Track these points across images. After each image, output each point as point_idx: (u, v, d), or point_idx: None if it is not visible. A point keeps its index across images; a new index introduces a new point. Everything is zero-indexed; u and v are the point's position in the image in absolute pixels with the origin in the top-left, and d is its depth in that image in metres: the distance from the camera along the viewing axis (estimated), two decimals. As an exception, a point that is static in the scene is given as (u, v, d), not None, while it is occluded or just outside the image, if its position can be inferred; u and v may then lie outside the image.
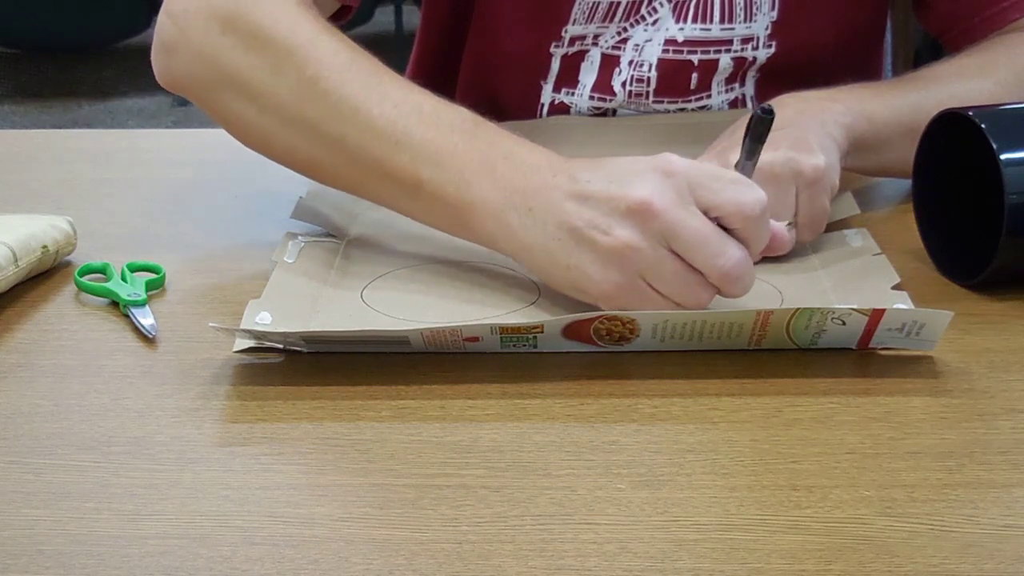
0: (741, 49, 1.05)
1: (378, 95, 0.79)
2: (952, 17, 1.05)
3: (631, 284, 0.71)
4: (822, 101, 0.89)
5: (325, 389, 0.70)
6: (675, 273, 0.70)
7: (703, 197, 0.70)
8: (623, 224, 0.70)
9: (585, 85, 1.07)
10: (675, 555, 0.56)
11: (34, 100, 4.22)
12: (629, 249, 0.70)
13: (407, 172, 0.77)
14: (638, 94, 1.07)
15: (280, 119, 0.82)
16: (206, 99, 0.86)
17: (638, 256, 0.70)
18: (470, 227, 0.77)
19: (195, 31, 0.85)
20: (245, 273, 0.84)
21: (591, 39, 1.06)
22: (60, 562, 0.56)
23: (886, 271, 0.80)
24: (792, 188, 0.81)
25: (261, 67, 0.81)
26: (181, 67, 0.86)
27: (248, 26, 0.82)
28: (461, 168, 0.76)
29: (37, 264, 0.83)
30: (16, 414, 0.69)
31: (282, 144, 0.83)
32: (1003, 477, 0.62)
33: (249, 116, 0.83)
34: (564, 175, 0.73)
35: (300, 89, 0.80)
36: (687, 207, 0.69)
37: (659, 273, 0.70)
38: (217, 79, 0.84)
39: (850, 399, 0.69)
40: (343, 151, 0.80)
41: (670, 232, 0.69)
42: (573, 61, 1.07)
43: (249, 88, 0.82)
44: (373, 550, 0.56)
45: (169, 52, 0.87)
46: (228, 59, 0.83)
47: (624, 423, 0.67)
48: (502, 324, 0.72)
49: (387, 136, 0.77)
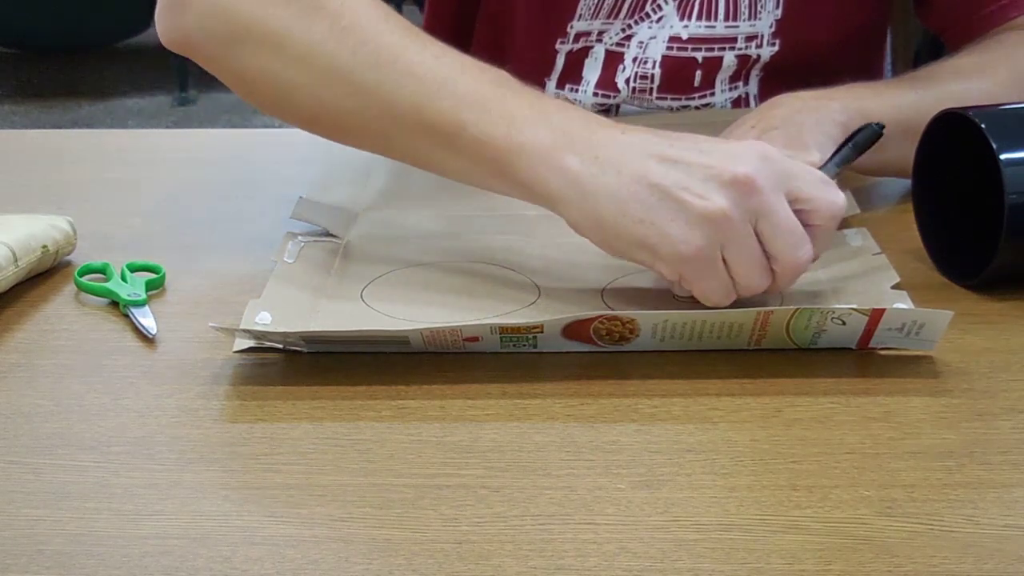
0: (745, 47, 1.05)
1: (418, 45, 0.76)
2: (952, 15, 1.05)
3: (709, 253, 0.70)
4: (819, 100, 0.89)
5: (325, 389, 0.70)
6: (752, 252, 0.70)
7: (797, 188, 0.71)
8: (722, 193, 0.69)
9: (589, 81, 1.08)
10: (675, 555, 0.56)
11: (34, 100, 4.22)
12: (724, 217, 0.69)
13: (447, 118, 0.74)
14: (642, 91, 1.07)
15: (309, 69, 0.78)
16: (221, 57, 0.81)
17: (729, 226, 0.69)
18: (514, 173, 0.73)
19: None
20: (245, 273, 0.84)
21: (595, 36, 1.06)
22: (60, 562, 0.56)
23: (886, 271, 0.80)
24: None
25: (288, 16, 0.77)
26: (192, 22, 0.81)
27: None
28: (510, 111, 0.73)
29: (37, 264, 0.83)
30: (16, 414, 0.69)
31: (306, 97, 0.79)
32: (1003, 477, 0.62)
33: (272, 69, 0.79)
34: (636, 135, 0.72)
35: (333, 37, 0.76)
36: (780, 194, 0.70)
37: (740, 248, 0.70)
38: (235, 32, 0.79)
39: (850, 399, 0.69)
40: (376, 100, 0.76)
41: (766, 211, 0.69)
42: (577, 58, 1.07)
43: (272, 38, 0.78)
44: (373, 550, 0.56)
45: (178, 8, 0.82)
46: (249, 9, 0.79)
47: (624, 423, 0.67)
48: (502, 324, 0.72)
49: (428, 82, 0.74)
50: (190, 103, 4.13)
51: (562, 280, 0.80)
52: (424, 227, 0.90)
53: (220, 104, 4.05)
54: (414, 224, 0.90)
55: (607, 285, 0.79)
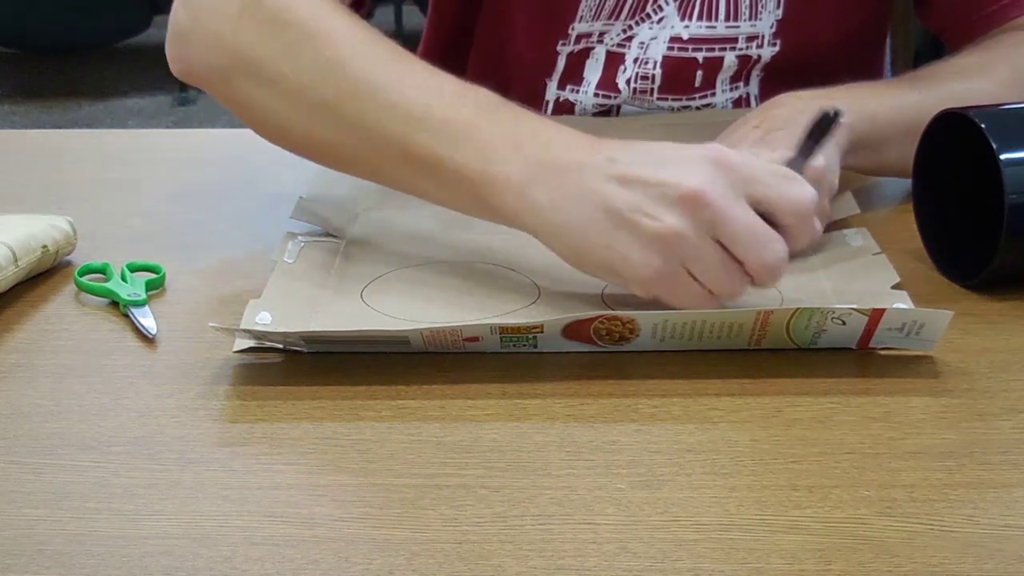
0: (746, 47, 1.06)
1: (398, 75, 0.78)
2: (952, 15, 1.05)
3: (671, 270, 0.71)
4: (821, 100, 0.89)
5: (325, 389, 0.70)
6: (717, 263, 0.70)
7: (757, 191, 0.70)
8: (672, 211, 0.69)
9: (590, 82, 1.08)
10: (675, 555, 0.56)
11: (34, 100, 4.22)
12: (676, 236, 0.69)
13: (427, 151, 0.76)
14: (642, 91, 1.07)
15: (299, 103, 0.81)
16: (223, 88, 0.85)
17: (684, 244, 0.70)
18: (491, 204, 0.75)
19: (210, 17, 0.84)
20: (245, 273, 0.84)
21: (596, 37, 1.06)
22: (60, 562, 0.56)
23: (886, 270, 0.80)
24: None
25: (279, 50, 0.80)
26: (196, 55, 0.85)
27: (265, 10, 0.81)
28: (483, 144, 0.75)
29: (37, 264, 0.83)
30: (16, 414, 0.69)
31: (300, 130, 0.82)
32: (1003, 477, 0.62)
33: (267, 102, 0.82)
34: (601, 155, 0.72)
35: (319, 71, 0.79)
36: (738, 200, 0.70)
37: (701, 262, 0.70)
38: (234, 65, 0.83)
39: (850, 399, 0.69)
40: (362, 133, 0.78)
41: (720, 221, 0.69)
42: (578, 59, 1.08)
43: (266, 73, 0.81)
44: (373, 550, 0.56)
45: (184, 41, 0.86)
46: (245, 44, 0.82)
47: (624, 423, 0.67)
48: (502, 324, 0.72)
49: (406, 115, 0.76)
50: (190, 103, 4.13)
51: (562, 280, 0.80)
52: (424, 227, 0.90)
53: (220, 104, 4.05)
54: (414, 224, 0.90)
55: (607, 285, 0.79)
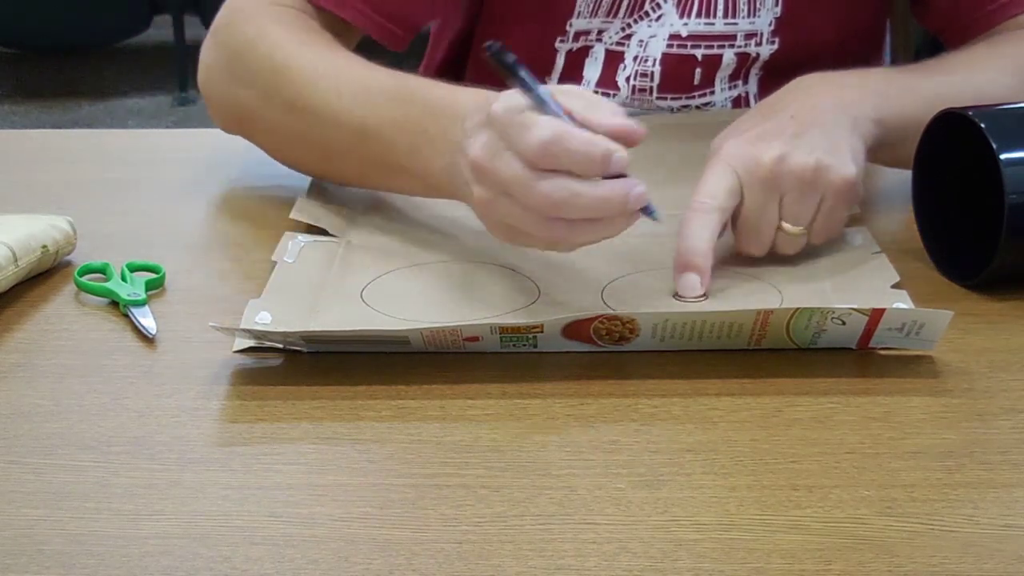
0: (745, 44, 1.05)
1: (336, 93, 0.88)
2: (950, 14, 1.05)
3: (502, 226, 0.75)
4: (854, 91, 0.87)
5: (325, 389, 0.70)
6: (518, 215, 0.73)
7: (510, 145, 0.72)
8: (474, 184, 0.75)
9: (589, 81, 1.08)
10: (675, 555, 0.56)
11: (34, 100, 4.21)
12: (481, 203, 0.75)
13: (379, 157, 0.86)
14: (642, 89, 1.07)
15: (284, 138, 0.94)
16: (245, 135, 0.98)
17: (489, 208, 0.74)
18: (440, 195, 0.84)
19: (215, 83, 0.98)
20: (245, 273, 0.84)
21: (595, 35, 1.06)
22: (60, 562, 0.56)
23: (886, 270, 0.80)
24: (818, 196, 0.80)
25: (257, 99, 0.93)
26: (218, 117, 0.99)
27: (245, 65, 0.94)
28: (408, 140, 0.83)
29: (37, 264, 0.83)
30: (16, 414, 0.69)
31: (296, 158, 0.94)
32: (1003, 477, 0.62)
33: (267, 142, 0.96)
34: (456, 122, 0.78)
35: (286, 109, 0.91)
36: (502, 155, 0.72)
37: (508, 217, 0.74)
38: (238, 120, 0.97)
39: (850, 399, 0.69)
40: (335, 153, 0.89)
41: (495, 182, 0.73)
42: (577, 57, 1.08)
43: (256, 119, 0.95)
44: (373, 550, 0.56)
45: (209, 103, 0.99)
46: (237, 100, 0.95)
47: (624, 423, 0.67)
48: (502, 324, 0.72)
49: (353, 129, 0.86)
50: (190, 103, 4.13)
51: (562, 280, 0.80)
52: (424, 227, 0.90)
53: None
54: (414, 224, 0.90)
55: (607, 285, 0.79)
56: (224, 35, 0.97)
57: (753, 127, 0.83)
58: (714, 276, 0.78)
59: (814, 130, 0.81)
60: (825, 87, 0.88)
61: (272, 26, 0.94)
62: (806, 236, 0.81)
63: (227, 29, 0.97)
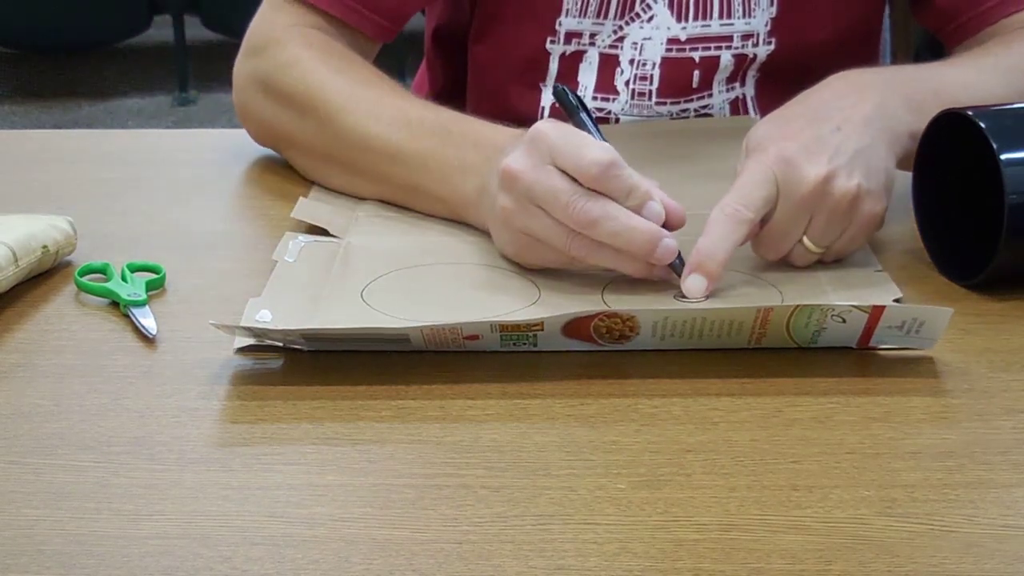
0: (742, 45, 1.06)
1: (373, 119, 0.93)
2: (949, 11, 1.05)
3: (519, 241, 0.79)
4: (894, 97, 0.86)
5: (325, 389, 0.70)
6: (544, 226, 0.77)
7: (557, 159, 0.76)
8: (500, 192, 0.79)
9: (586, 86, 1.08)
10: (675, 555, 0.56)
11: (34, 100, 4.21)
12: (505, 211, 0.78)
13: (408, 181, 0.90)
14: (641, 93, 1.07)
15: (314, 158, 0.98)
16: (277, 150, 1.05)
17: (513, 216, 0.78)
18: (464, 216, 0.88)
19: (250, 101, 1.03)
20: (245, 273, 0.84)
21: (588, 38, 1.06)
22: (60, 562, 0.56)
23: (887, 286, 0.79)
24: (847, 223, 0.80)
25: (292, 120, 0.99)
26: (253, 131, 1.05)
27: (277, 90, 0.99)
28: (441, 168, 0.88)
29: (37, 264, 0.83)
30: (16, 414, 0.69)
31: (324, 175, 0.98)
32: (1003, 477, 0.62)
33: (299, 160, 1.01)
34: (499, 153, 0.81)
35: (319, 131, 0.96)
36: (544, 168, 0.76)
37: (532, 227, 0.78)
38: (273, 137, 1.03)
39: (850, 399, 0.69)
40: (362, 173, 0.93)
41: (529, 192, 0.77)
42: (571, 62, 1.08)
43: (289, 139, 1.00)
44: (373, 550, 0.56)
45: (244, 119, 1.05)
46: (272, 120, 1.01)
47: (624, 423, 0.67)
48: (502, 322, 0.72)
49: (385, 154, 0.91)
50: (190, 103, 4.13)
51: (562, 280, 0.80)
52: (424, 228, 0.90)
53: (220, 104, 4.05)
54: (414, 226, 0.90)
55: (607, 284, 0.79)
56: (257, 59, 1.03)
57: (799, 131, 0.81)
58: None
59: (859, 147, 0.80)
60: (869, 92, 0.86)
61: (305, 51, 0.99)
62: (821, 254, 0.81)
63: (262, 53, 1.02)
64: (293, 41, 1.01)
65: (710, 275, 0.76)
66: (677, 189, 0.80)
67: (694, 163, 0.99)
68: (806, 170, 0.78)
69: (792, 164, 0.79)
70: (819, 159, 0.79)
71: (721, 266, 0.77)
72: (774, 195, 0.79)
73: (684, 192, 0.80)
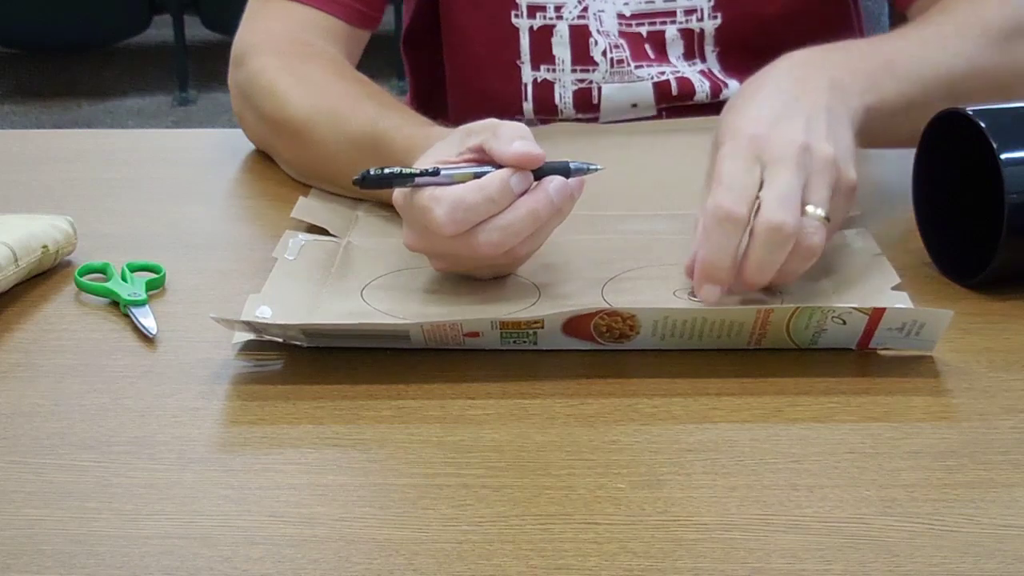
0: (686, 20, 1.07)
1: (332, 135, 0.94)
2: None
3: (449, 263, 0.79)
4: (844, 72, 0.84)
5: (325, 389, 0.70)
6: (475, 267, 0.78)
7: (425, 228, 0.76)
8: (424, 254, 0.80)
9: (564, 60, 1.09)
10: (675, 555, 0.56)
11: (34, 100, 4.21)
12: (440, 268, 0.80)
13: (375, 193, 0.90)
14: (619, 60, 1.08)
15: (293, 168, 1.00)
16: (268, 151, 1.05)
17: (448, 268, 0.80)
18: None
19: (240, 111, 1.06)
20: (245, 273, 0.84)
21: (553, 11, 1.07)
22: (60, 562, 0.56)
23: (886, 271, 0.80)
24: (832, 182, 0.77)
25: (268, 134, 1.02)
26: (248, 138, 1.07)
27: (254, 103, 1.02)
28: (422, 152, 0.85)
29: (37, 264, 0.83)
30: (16, 414, 0.69)
31: (306, 179, 0.99)
32: (1003, 477, 0.62)
33: (285, 168, 1.02)
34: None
35: (290, 147, 0.99)
36: (427, 235, 0.77)
37: (469, 270, 0.79)
38: (262, 146, 1.06)
39: (850, 399, 0.69)
40: (338, 184, 0.93)
41: (441, 255, 0.78)
42: (542, 37, 1.09)
43: (273, 150, 1.03)
44: (373, 550, 0.57)
45: (241, 126, 1.08)
46: (256, 130, 1.05)
47: (624, 423, 0.67)
48: (502, 318, 0.72)
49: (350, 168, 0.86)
50: (190, 103, 4.13)
51: (561, 281, 0.80)
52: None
53: (220, 104, 4.05)
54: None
55: (607, 283, 0.79)
56: (236, 70, 1.05)
57: (761, 109, 0.79)
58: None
59: (825, 117, 0.79)
60: (818, 70, 0.84)
61: (273, 59, 1.01)
62: (826, 228, 0.76)
63: (241, 63, 1.04)
64: (265, 49, 1.03)
65: (721, 282, 0.74)
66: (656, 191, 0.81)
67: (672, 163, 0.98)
68: (787, 135, 0.76)
69: (770, 137, 0.76)
70: (794, 125, 0.77)
71: (729, 272, 0.74)
72: (759, 176, 0.75)
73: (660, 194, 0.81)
